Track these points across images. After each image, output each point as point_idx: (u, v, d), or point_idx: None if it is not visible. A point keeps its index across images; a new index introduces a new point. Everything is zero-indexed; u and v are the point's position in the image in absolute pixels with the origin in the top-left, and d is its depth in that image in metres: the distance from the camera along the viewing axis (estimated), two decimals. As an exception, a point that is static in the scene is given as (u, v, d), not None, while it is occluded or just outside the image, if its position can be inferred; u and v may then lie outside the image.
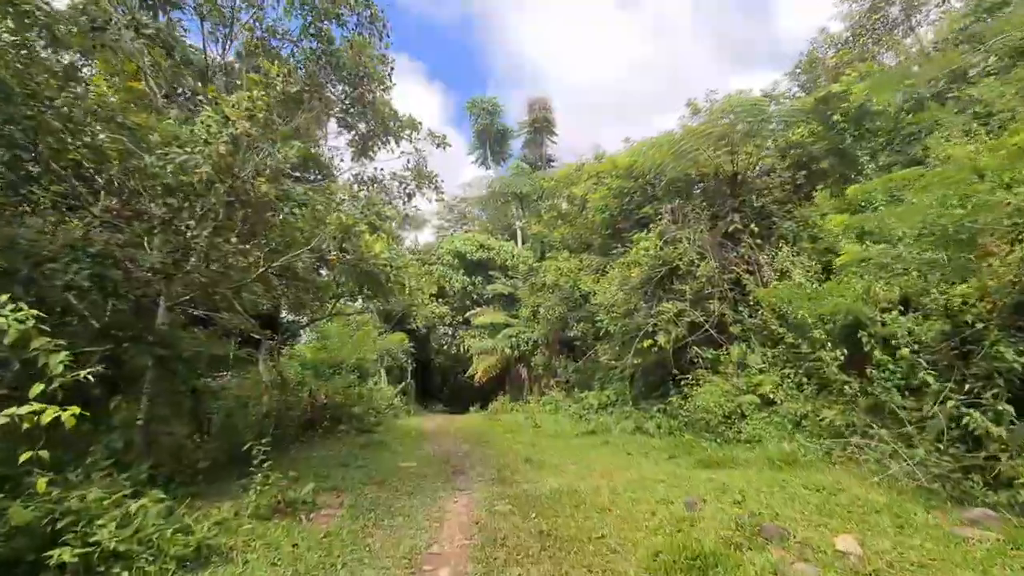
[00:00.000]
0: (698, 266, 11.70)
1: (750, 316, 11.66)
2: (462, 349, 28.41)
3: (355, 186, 9.31)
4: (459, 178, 72.96)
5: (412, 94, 75.95)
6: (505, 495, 6.74)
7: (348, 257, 6.07)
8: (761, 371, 10.91)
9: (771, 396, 10.40)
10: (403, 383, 25.47)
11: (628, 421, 12.77)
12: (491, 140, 36.70)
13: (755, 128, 12.03)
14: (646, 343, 12.12)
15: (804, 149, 13.05)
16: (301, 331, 18.70)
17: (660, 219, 13.28)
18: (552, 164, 33.99)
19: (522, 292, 27.54)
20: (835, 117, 11.38)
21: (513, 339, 24.33)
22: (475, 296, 30.42)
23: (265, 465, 5.96)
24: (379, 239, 5.93)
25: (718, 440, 9.61)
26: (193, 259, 7.11)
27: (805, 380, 9.91)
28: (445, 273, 30.59)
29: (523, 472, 8.14)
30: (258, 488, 5.78)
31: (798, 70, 16.21)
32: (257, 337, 12.18)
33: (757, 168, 12.91)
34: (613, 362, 13.75)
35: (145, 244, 7.11)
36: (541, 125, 35.26)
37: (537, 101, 35.54)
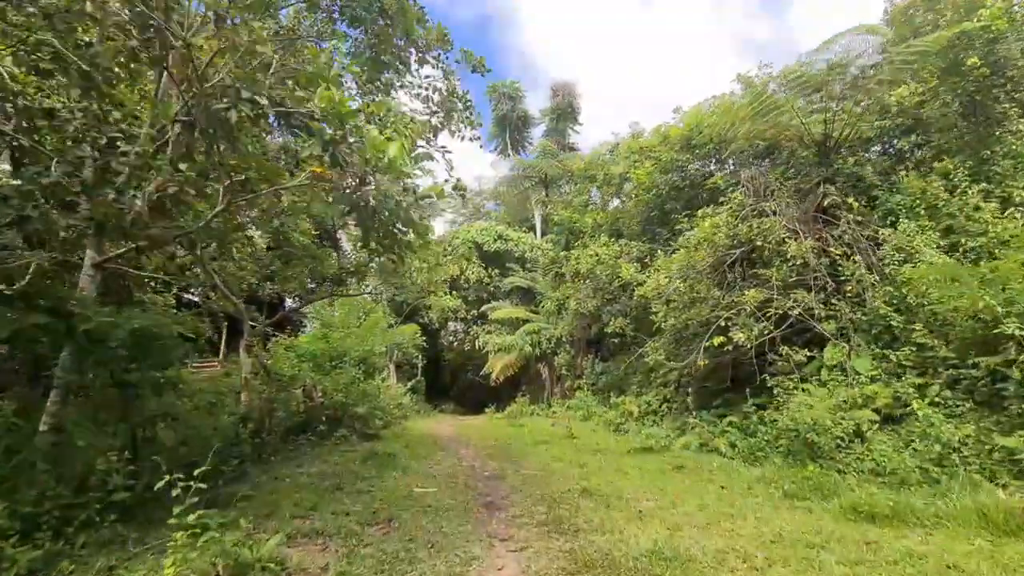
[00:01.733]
0: (788, 246, 9.19)
1: (853, 309, 9.16)
2: (476, 345, 25.98)
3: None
4: (475, 173, 70.87)
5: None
6: (576, 560, 4.29)
7: (345, 172, 3.67)
8: (872, 379, 8.42)
9: (893, 412, 7.92)
10: (413, 380, 23.12)
11: (689, 436, 10.26)
12: (511, 127, 34.27)
13: (862, 77, 9.52)
14: (716, 341, 9.63)
15: (910, 110, 10.53)
16: (305, 319, 16.35)
17: (732, 192, 10.78)
18: (575, 154, 31.47)
19: (543, 285, 25.13)
20: (970, 60, 8.83)
21: (534, 336, 21.89)
22: (492, 289, 28.01)
23: (192, 517, 3.55)
24: (395, 142, 3.60)
25: (838, 469, 7.11)
26: (137, 197, 4.75)
27: (948, 393, 7.40)
28: (460, 264, 28.24)
29: (585, 512, 5.69)
30: (179, 555, 3.37)
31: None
32: (252, 324, 9.87)
33: (856, 130, 10.36)
34: (670, 363, 11.22)
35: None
36: (565, 112, 32.79)
37: (562, 86, 33.08)
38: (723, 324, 9.65)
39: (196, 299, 16.10)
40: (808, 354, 9.20)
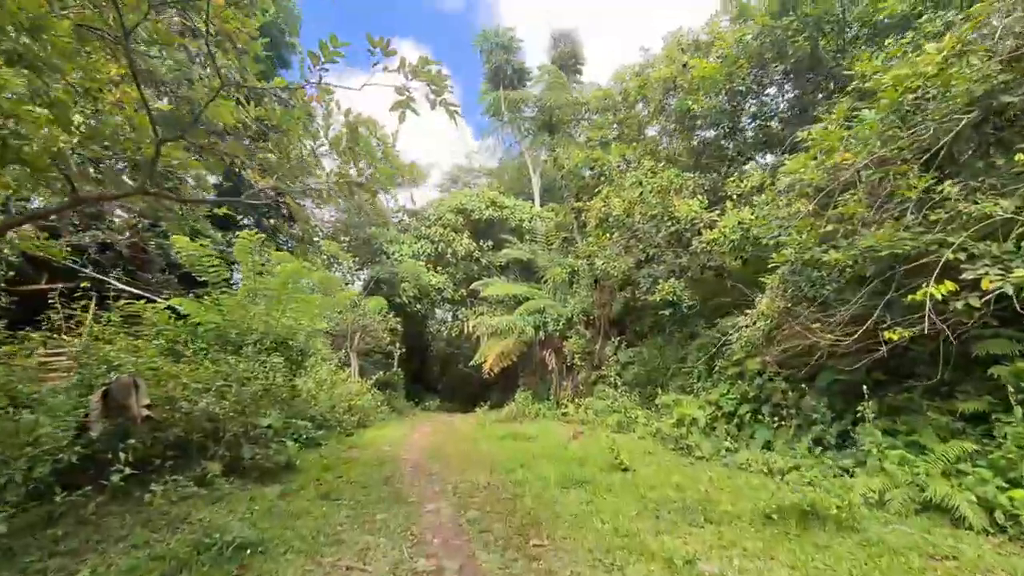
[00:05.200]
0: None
1: None
2: (466, 330, 20.86)
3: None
4: (466, 148, 64.69)
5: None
6: None
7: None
8: None
9: None
10: (386, 372, 17.93)
11: (872, 478, 5.21)
12: (505, 82, 28.94)
13: None
14: (941, 289, 4.55)
15: None
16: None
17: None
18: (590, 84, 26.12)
19: (545, 259, 20.10)
20: None
21: (537, 316, 16.80)
22: (484, 263, 22.90)
23: None
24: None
25: None
26: None
27: None
28: (446, 234, 23.06)
29: None
30: None
31: None
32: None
33: None
34: (816, 338, 6.13)
35: None
36: (567, 63, 27.54)
37: (563, 34, 27.85)
38: (953, 257, 4.59)
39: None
40: None
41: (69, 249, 9.25)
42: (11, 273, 8.11)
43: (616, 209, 10.44)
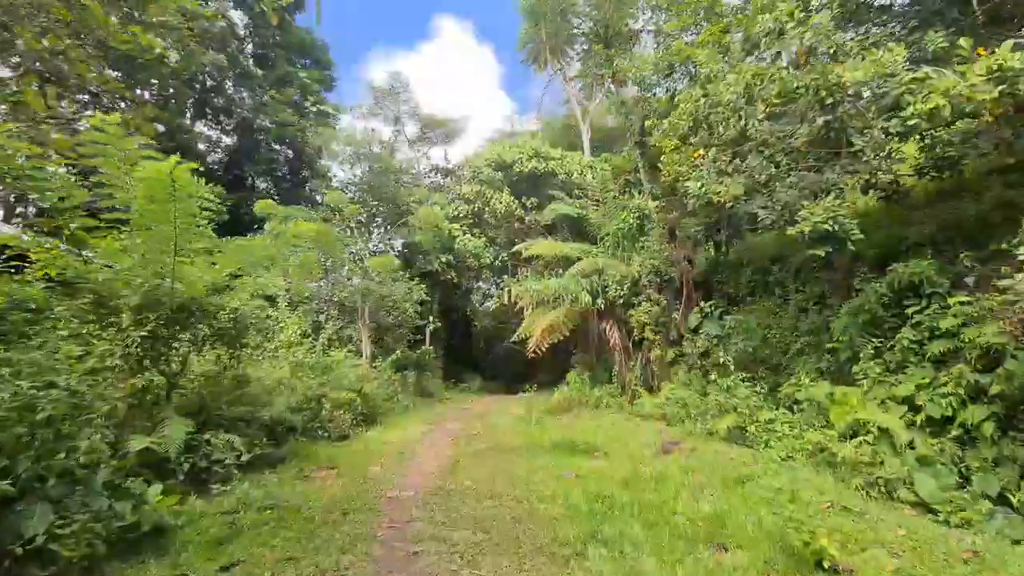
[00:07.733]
0: None
1: None
2: (508, 300, 17.34)
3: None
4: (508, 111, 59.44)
5: (464, 50, 62.73)
6: None
7: None
8: None
9: None
10: (414, 351, 14.76)
11: None
12: (547, 23, 24.48)
13: None
14: None
15: None
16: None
17: None
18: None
19: (598, 215, 16.17)
20: None
21: (594, 279, 12.96)
22: (527, 221, 19.16)
23: None
24: None
25: None
26: None
27: None
28: (482, 192, 19.43)
29: None
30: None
31: None
32: None
33: None
34: None
35: None
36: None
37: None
38: None
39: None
40: None
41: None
42: None
43: (726, 94, 6.39)
